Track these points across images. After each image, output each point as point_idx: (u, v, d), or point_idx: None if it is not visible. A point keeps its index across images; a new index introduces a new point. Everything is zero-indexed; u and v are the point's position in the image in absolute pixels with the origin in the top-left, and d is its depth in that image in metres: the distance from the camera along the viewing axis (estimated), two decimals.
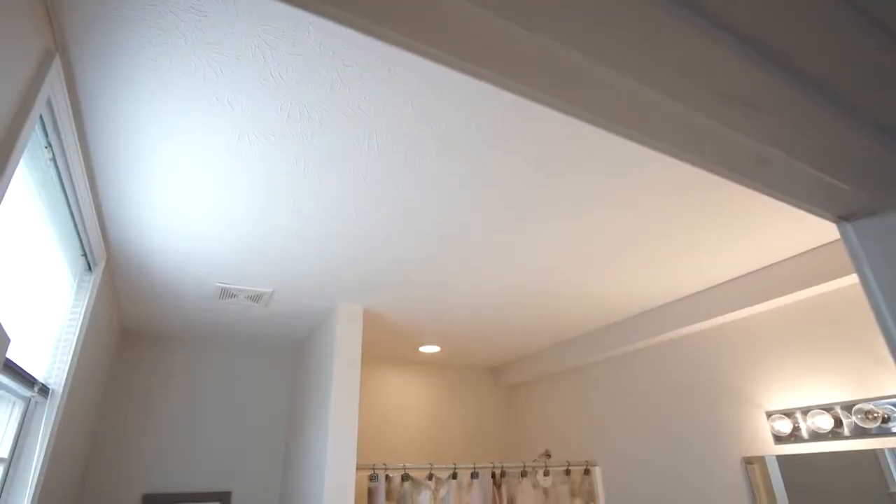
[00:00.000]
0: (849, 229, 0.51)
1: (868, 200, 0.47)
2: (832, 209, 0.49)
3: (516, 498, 2.95)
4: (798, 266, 2.28)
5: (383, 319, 3.04)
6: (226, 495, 3.14)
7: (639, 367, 3.13)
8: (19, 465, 1.63)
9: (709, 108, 0.36)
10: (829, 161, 0.41)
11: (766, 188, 0.46)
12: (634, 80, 0.34)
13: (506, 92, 1.25)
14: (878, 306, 0.55)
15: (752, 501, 2.37)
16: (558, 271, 2.39)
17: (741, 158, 0.40)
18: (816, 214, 0.51)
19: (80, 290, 1.94)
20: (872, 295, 0.54)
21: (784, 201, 0.48)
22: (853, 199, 0.47)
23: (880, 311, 0.55)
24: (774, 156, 0.39)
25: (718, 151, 0.40)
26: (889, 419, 1.99)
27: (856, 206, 0.48)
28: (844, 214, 0.49)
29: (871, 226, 0.49)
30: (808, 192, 0.46)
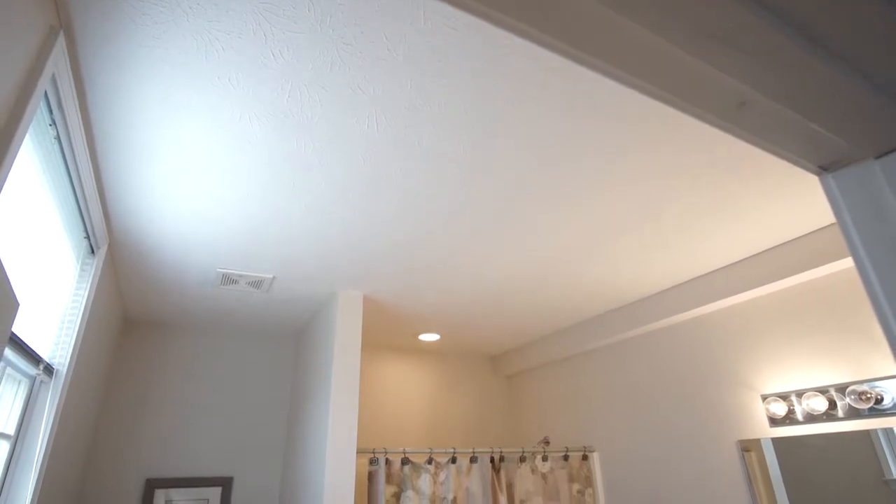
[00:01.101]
0: (830, 181, 0.53)
1: (848, 148, 0.49)
2: (813, 158, 0.50)
3: (515, 482, 2.98)
4: (792, 251, 2.30)
5: (383, 306, 3.06)
6: (227, 480, 3.17)
7: (636, 354, 3.16)
8: (25, 443, 1.66)
9: (695, 48, 0.38)
10: (810, 106, 0.43)
11: (747, 133, 0.48)
12: (621, 15, 0.36)
13: (506, 72, 1.26)
14: (860, 259, 0.57)
15: (748, 484, 2.40)
16: (556, 259, 2.41)
17: (722, 100, 0.42)
18: (798, 165, 0.53)
19: (83, 273, 1.97)
20: (854, 247, 0.56)
21: (766, 149, 0.50)
22: (834, 146, 0.48)
23: (862, 264, 0.57)
24: (755, 99, 0.41)
25: (700, 92, 0.41)
26: (882, 400, 2.02)
27: (836, 154, 0.50)
28: (825, 164, 0.51)
29: (850, 175, 0.51)
30: (789, 138, 0.47)
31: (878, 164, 0.49)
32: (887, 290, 0.54)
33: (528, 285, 2.76)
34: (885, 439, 1.99)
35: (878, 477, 1.97)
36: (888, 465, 1.95)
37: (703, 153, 1.64)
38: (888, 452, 1.97)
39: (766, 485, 2.33)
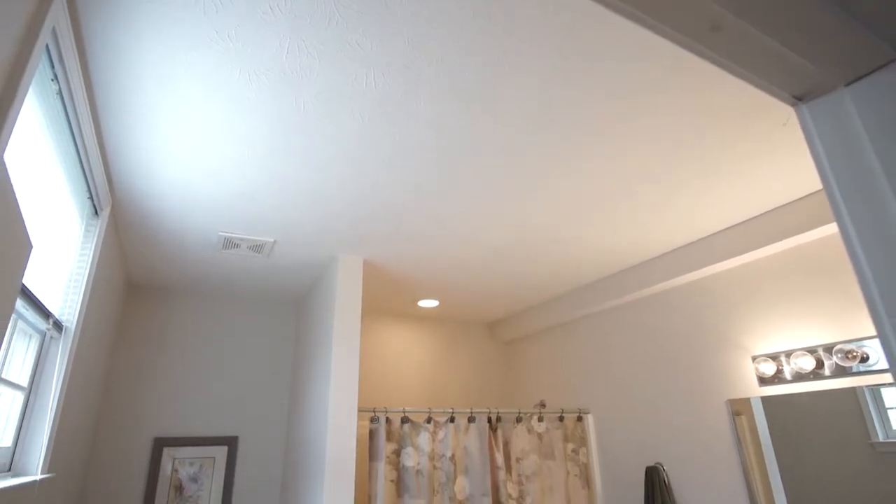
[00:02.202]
0: (804, 111, 0.55)
1: (820, 76, 0.51)
2: (787, 87, 0.52)
3: (511, 441, 3.08)
4: (784, 215, 2.34)
5: (383, 272, 3.11)
6: (233, 440, 3.27)
7: (630, 318, 3.22)
8: (38, 395, 1.72)
9: None
10: (783, 30, 0.45)
11: (721, 58, 0.50)
12: None
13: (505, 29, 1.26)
14: (832, 192, 0.60)
15: (737, 445, 2.48)
16: (553, 224, 2.44)
17: (696, 22, 0.44)
18: (773, 94, 0.55)
19: (87, 233, 2.00)
20: (826, 179, 0.59)
21: (740, 76, 0.52)
22: (807, 74, 0.50)
23: (834, 196, 0.60)
24: (729, 22, 0.43)
25: (673, 12, 0.43)
26: (867, 358, 2.08)
27: (809, 83, 0.52)
28: (799, 94, 0.53)
29: (823, 105, 0.53)
30: (763, 64, 0.49)
31: (848, 92, 0.51)
32: (857, 226, 0.57)
33: (524, 251, 2.80)
34: (873, 403, 2.05)
35: (864, 440, 2.04)
36: (874, 428, 2.02)
37: (696, 116, 1.66)
38: (874, 416, 2.02)
39: (756, 448, 2.40)
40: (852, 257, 0.60)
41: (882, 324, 0.58)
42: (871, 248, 0.55)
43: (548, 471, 3.07)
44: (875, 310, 0.58)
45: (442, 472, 2.77)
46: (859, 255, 0.58)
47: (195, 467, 3.13)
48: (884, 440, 1.98)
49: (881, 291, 0.56)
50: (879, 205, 0.54)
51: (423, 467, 2.71)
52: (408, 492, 2.64)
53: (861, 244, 0.57)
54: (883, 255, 0.54)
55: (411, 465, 2.69)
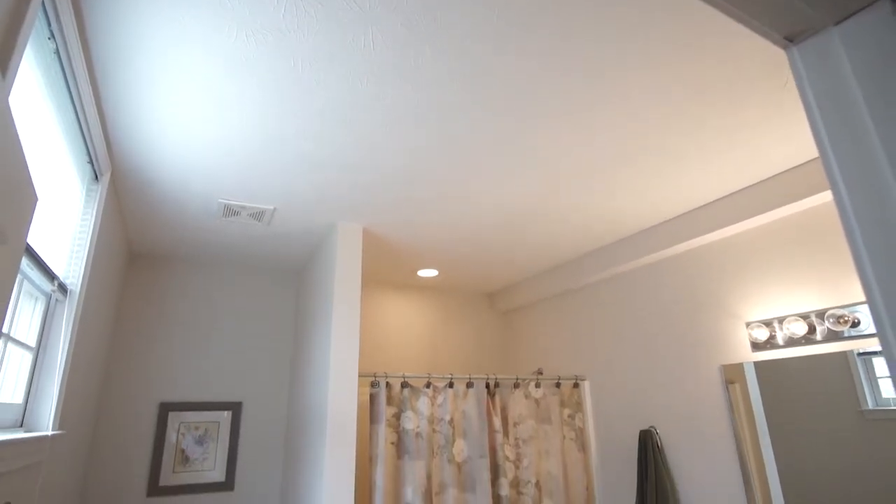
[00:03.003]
0: (795, 54, 0.56)
1: (812, 15, 0.51)
2: (779, 27, 0.53)
3: (509, 406, 3.15)
4: (781, 184, 2.35)
5: (382, 240, 3.13)
6: (237, 405, 3.35)
7: (626, 288, 3.25)
8: (46, 356, 1.76)
9: None
10: None
11: None
12: None
13: None
14: (821, 138, 0.61)
15: (729, 408, 2.54)
16: (551, 192, 2.45)
17: None
18: (765, 35, 0.56)
19: (88, 198, 2.01)
20: (815, 125, 0.60)
21: (732, 15, 0.53)
22: (798, 13, 0.51)
23: (822, 144, 0.61)
24: None
25: None
26: (858, 323, 2.12)
27: (801, 23, 0.53)
28: (790, 35, 0.54)
29: (813, 46, 0.54)
30: (754, 2, 0.50)
31: (837, 32, 0.52)
32: (846, 176, 0.58)
33: (522, 220, 2.81)
34: (864, 372, 2.09)
35: (854, 408, 2.08)
36: (864, 396, 2.06)
37: (696, 80, 1.65)
38: (865, 384, 2.07)
39: (748, 414, 2.46)
40: (837, 201, 0.61)
41: (868, 281, 0.58)
42: (855, 192, 0.56)
43: (544, 435, 3.15)
44: (861, 265, 0.58)
45: (441, 435, 2.85)
46: (844, 198, 0.59)
47: (200, 431, 3.21)
48: (873, 408, 2.03)
49: (866, 241, 0.57)
50: (866, 151, 0.55)
51: (423, 430, 2.78)
52: (408, 453, 2.71)
53: (847, 190, 0.58)
54: (865, 195, 0.55)
55: (411, 427, 2.76)
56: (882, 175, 0.55)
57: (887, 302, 0.55)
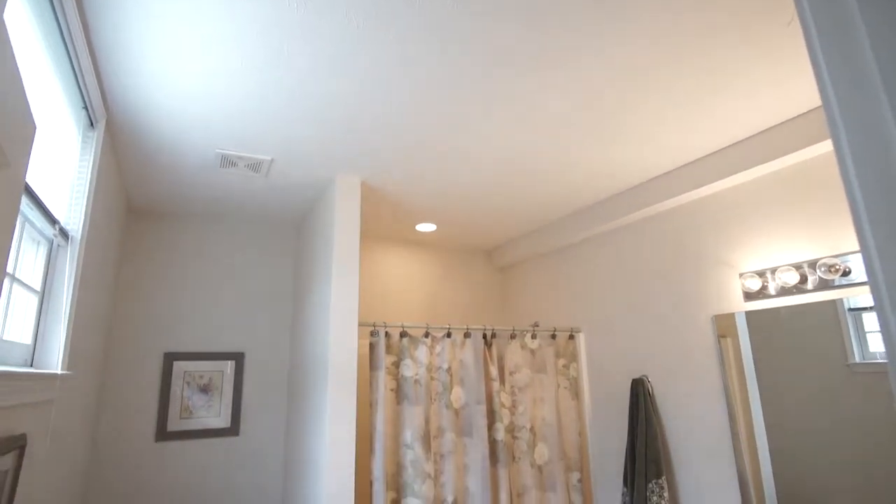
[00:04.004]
0: None
1: None
2: None
3: (505, 356, 3.24)
4: (777, 136, 2.35)
5: (381, 194, 3.13)
6: (239, 355, 3.43)
7: (622, 242, 3.28)
8: (51, 300, 1.80)
9: None
10: None
11: None
12: None
13: None
14: (821, 75, 0.61)
15: (720, 358, 2.61)
16: (547, 146, 2.43)
17: None
18: None
19: (84, 145, 2.00)
20: (816, 60, 0.60)
21: None
22: None
23: (822, 79, 0.61)
24: None
25: None
26: (849, 272, 2.15)
27: None
28: None
29: None
30: None
31: None
32: (845, 117, 0.57)
33: (518, 176, 2.81)
34: (854, 326, 2.13)
35: (842, 362, 2.13)
36: (852, 350, 2.11)
37: (696, 19, 1.62)
38: (854, 338, 2.11)
39: (738, 364, 2.52)
40: (836, 147, 0.59)
41: (864, 230, 0.56)
42: (855, 136, 0.56)
43: (539, 383, 3.24)
44: (857, 213, 0.56)
45: (439, 383, 2.93)
46: (843, 143, 0.58)
47: (205, 380, 3.30)
48: (860, 361, 2.08)
49: (863, 189, 0.56)
50: (869, 93, 0.54)
51: (422, 377, 2.86)
52: (406, 399, 2.80)
53: (847, 134, 0.57)
54: (866, 140, 0.55)
55: (410, 375, 2.84)
56: (885, 120, 0.54)
57: (882, 255, 0.54)
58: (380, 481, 2.60)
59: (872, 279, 0.56)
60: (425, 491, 2.68)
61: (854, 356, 2.10)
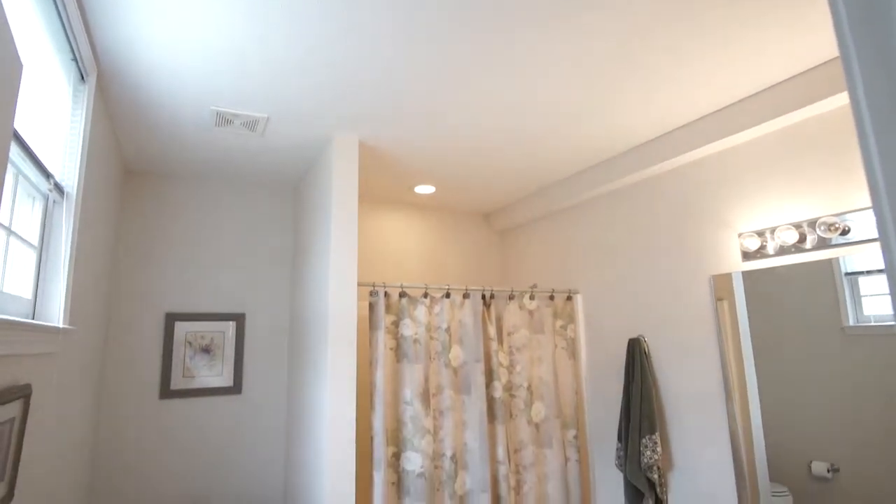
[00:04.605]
0: None
1: None
2: None
3: (503, 317, 3.27)
4: (780, 93, 2.31)
5: (379, 154, 3.09)
6: (240, 316, 3.46)
7: (621, 203, 3.26)
8: (49, 255, 1.80)
9: None
10: None
11: None
12: None
13: None
14: (840, 21, 0.59)
15: (716, 318, 2.63)
16: (547, 102, 2.39)
17: None
18: None
19: (76, 99, 1.96)
20: None
21: None
22: None
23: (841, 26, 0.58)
24: None
25: None
26: (848, 231, 2.15)
27: None
28: None
29: None
30: None
31: None
32: (864, 70, 0.55)
33: (517, 137, 2.77)
34: (849, 290, 2.14)
35: (836, 325, 2.15)
36: (847, 313, 2.12)
37: None
38: (849, 302, 2.12)
39: (733, 325, 2.55)
40: (853, 99, 0.57)
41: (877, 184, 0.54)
42: (874, 89, 0.54)
43: (537, 343, 3.29)
44: (871, 169, 0.55)
45: (438, 342, 2.97)
46: (860, 97, 0.56)
47: (206, 340, 3.34)
48: (854, 324, 2.10)
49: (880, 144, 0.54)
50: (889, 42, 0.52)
51: (421, 337, 2.90)
52: (406, 358, 2.84)
53: (865, 88, 0.55)
54: (885, 93, 0.52)
55: (409, 334, 2.87)
56: None
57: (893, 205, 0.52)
58: (380, 436, 2.67)
59: (884, 237, 0.54)
60: (424, 446, 2.75)
61: (849, 319, 2.11)
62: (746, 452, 2.45)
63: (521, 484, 3.08)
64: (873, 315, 2.05)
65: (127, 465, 3.04)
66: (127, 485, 3.02)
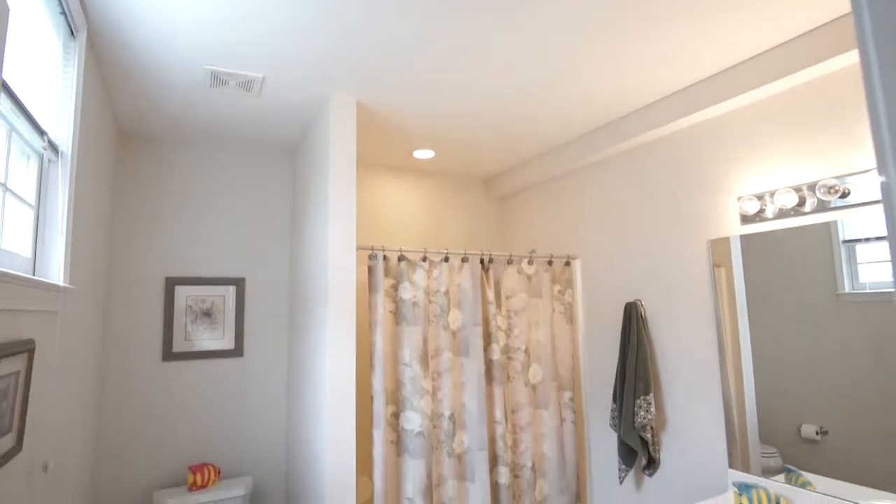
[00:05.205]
0: None
1: None
2: None
3: (502, 281, 3.29)
4: (784, 54, 2.26)
5: (377, 117, 3.05)
6: (240, 280, 3.48)
7: (620, 168, 3.24)
8: (47, 214, 1.79)
9: None
10: None
11: None
12: None
13: None
14: None
15: (713, 284, 2.65)
16: (545, 61, 2.34)
17: None
18: None
19: (66, 56, 1.92)
20: None
21: None
22: None
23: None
24: None
25: None
26: (848, 194, 2.14)
27: None
28: None
29: None
30: None
31: None
32: (876, 29, 0.53)
33: (516, 99, 2.72)
34: (846, 257, 2.13)
35: (831, 291, 2.16)
36: (843, 280, 2.13)
37: None
38: (845, 269, 2.13)
39: (730, 291, 2.56)
40: (863, 58, 0.55)
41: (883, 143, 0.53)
42: (885, 47, 0.52)
43: (535, 308, 3.32)
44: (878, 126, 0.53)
45: (437, 306, 3.00)
46: (871, 55, 0.54)
47: (207, 304, 3.37)
48: (850, 291, 2.11)
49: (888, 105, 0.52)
50: None
51: (420, 300, 2.92)
52: (405, 320, 2.87)
53: (876, 46, 0.53)
54: None
55: (408, 297, 2.89)
56: None
57: None
58: (379, 395, 2.72)
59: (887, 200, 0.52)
60: (423, 406, 2.81)
61: (844, 286, 2.13)
62: (738, 414, 2.50)
63: (517, 443, 3.16)
64: (869, 282, 2.06)
65: (131, 425, 3.10)
66: (131, 444, 3.10)
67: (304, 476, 2.96)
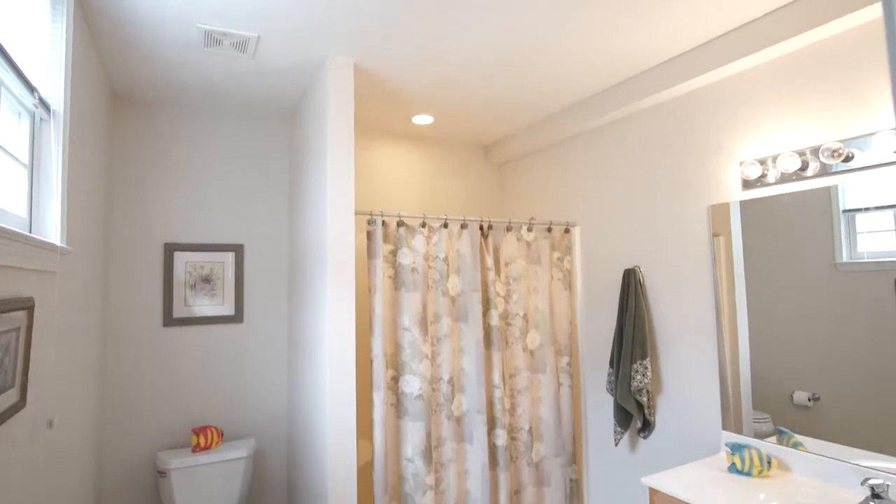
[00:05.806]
0: None
1: None
2: None
3: (501, 248, 3.28)
4: (788, 14, 2.21)
5: (375, 80, 2.99)
6: (239, 247, 3.47)
7: (620, 134, 3.20)
8: (41, 174, 1.77)
9: None
10: None
11: None
12: None
13: None
14: None
15: (711, 252, 2.64)
16: (545, 25, 2.28)
17: None
18: None
19: (55, 11, 1.87)
20: None
21: None
22: None
23: None
24: None
25: None
26: (852, 157, 2.12)
27: None
28: None
29: None
30: None
31: None
32: None
33: (516, 63, 2.66)
34: (846, 227, 2.12)
35: (829, 260, 2.16)
36: (841, 249, 2.13)
37: None
38: (844, 239, 2.12)
39: (728, 258, 2.56)
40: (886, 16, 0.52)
41: None
42: None
43: (534, 274, 3.33)
44: None
45: (436, 271, 3.00)
46: None
47: (206, 270, 3.37)
48: (848, 261, 2.10)
49: None
50: None
51: (419, 266, 2.92)
52: (404, 286, 2.88)
53: None
54: None
55: (407, 263, 2.90)
56: None
57: None
58: (379, 359, 2.75)
59: None
60: (423, 370, 2.85)
61: (842, 256, 2.12)
62: (732, 380, 2.54)
63: (515, 406, 3.21)
64: (867, 252, 2.06)
65: (134, 388, 3.15)
66: (135, 406, 3.15)
67: (305, 437, 3.02)
